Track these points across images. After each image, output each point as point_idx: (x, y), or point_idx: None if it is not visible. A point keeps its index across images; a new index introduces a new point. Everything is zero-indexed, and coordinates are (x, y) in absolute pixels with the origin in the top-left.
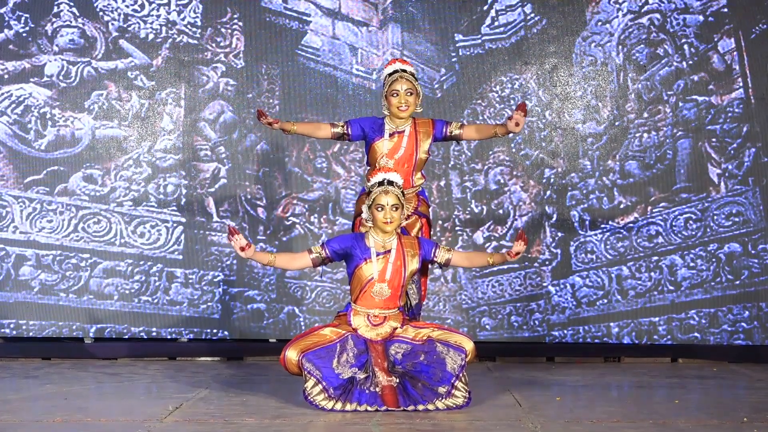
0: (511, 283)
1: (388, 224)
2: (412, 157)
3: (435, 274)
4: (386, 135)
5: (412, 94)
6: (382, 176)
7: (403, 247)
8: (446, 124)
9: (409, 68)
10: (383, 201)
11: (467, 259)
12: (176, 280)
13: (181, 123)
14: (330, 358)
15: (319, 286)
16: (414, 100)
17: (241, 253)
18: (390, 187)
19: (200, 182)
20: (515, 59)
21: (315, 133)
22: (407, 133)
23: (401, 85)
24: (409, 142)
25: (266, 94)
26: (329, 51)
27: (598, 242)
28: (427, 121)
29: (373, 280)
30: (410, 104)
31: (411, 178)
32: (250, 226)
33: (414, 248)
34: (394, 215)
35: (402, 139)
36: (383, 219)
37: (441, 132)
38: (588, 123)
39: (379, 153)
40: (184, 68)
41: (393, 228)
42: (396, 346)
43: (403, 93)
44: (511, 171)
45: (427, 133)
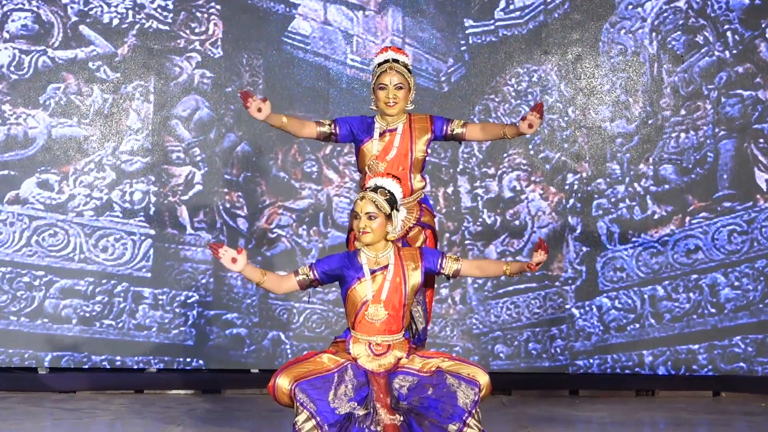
0: (529, 304)
1: (363, 234)
2: (407, 156)
3: (441, 295)
4: (376, 135)
5: (402, 88)
6: (373, 182)
7: (402, 260)
8: (447, 122)
9: (402, 58)
10: (358, 208)
11: (479, 269)
12: (144, 302)
13: (150, 121)
14: (326, 389)
15: (308, 308)
16: (404, 95)
17: (233, 265)
18: (371, 194)
19: (172, 189)
20: (533, 48)
21: (299, 131)
22: (400, 131)
23: (390, 77)
24: (402, 140)
25: (248, 87)
26: (320, 38)
27: (628, 258)
28: (424, 116)
29: (368, 301)
30: (399, 99)
31: (409, 182)
32: (230, 239)
33: (415, 260)
34: (371, 225)
35: (394, 137)
36: (357, 229)
37: (441, 130)
38: (617, 121)
39: (369, 156)
40: (154, 58)
41: (370, 240)
42: (401, 379)
43: (392, 87)
44: (528, 176)
45: (424, 129)
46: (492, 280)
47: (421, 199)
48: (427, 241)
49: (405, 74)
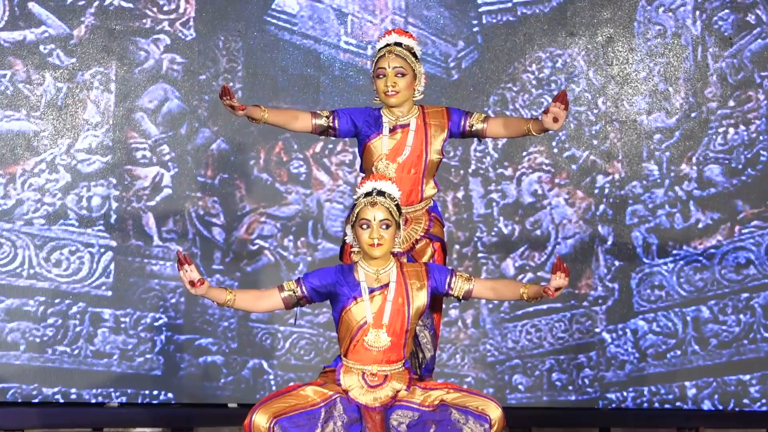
0: (552, 328)
1: (375, 247)
2: (421, 159)
3: (450, 317)
4: (385, 130)
5: (405, 74)
6: (371, 185)
7: (405, 277)
8: (465, 116)
9: (406, 41)
10: (369, 215)
11: (493, 290)
12: (104, 325)
13: (111, 114)
14: (311, 427)
15: (295, 332)
16: (408, 82)
17: (192, 289)
18: (380, 198)
19: (136, 193)
20: (557, 29)
21: (291, 124)
22: (413, 127)
23: (389, 62)
24: (416, 140)
25: (225, 75)
26: (309, 18)
27: (668, 274)
28: (439, 110)
29: (366, 325)
30: (400, 88)
31: (420, 188)
32: (203, 252)
33: (421, 277)
34: (384, 235)
35: (406, 135)
36: (369, 240)
37: (458, 125)
38: (655, 114)
39: (377, 155)
40: (115, 40)
41: (382, 252)
42: (399, 414)
43: (391, 72)
44: (552, 178)
45: (441, 126)
46: (509, 300)
47: (430, 207)
48: (436, 255)
49: (408, 58)
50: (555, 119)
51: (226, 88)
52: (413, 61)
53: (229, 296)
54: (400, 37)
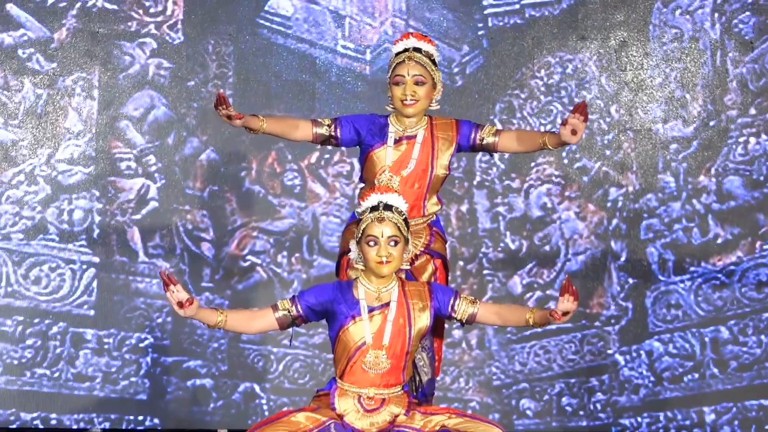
0: (562, 349)
1: (384, 264)
2: (426, 173)
3: (453, 337)
4: (390, 141)
5: (424, 83)
6: (377, 198)
7: (406, 297)
8: (476, 129)
9: (426, 47)
10: (376, 231)
11: (498, 315)
12: (86, 346)
13: (94, 122)
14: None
15: (289, 354)
16: (427, 91)
17: (180, 310)
18: (387, 213)
19: (121, 206)
20: (568, 32)
21: (290, 134)
22: (420, 139)
23: (408, 69)
24: (422, 153)
25: (214, 81)
26: (305, 20)
27: (685, 292)
28: (449, 122)
29: (365, 346)
30: (419, 97)
31: (423, 203)
32: (192, 269)
33: (423, 298)
34: (393, 252)
35: (412, 147)
36: (377, 257)
37: (468, 139)
38: (671, 122)
39: (379, 166)
40: (99, 44)
41: (391, 270)
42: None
43: (410, 80)
44: (562, 191)
45: (449, 139)
46: None
47: (432, 221)
48: (437, 273)
49: (428, 66)
50: (573, 132)
51: (222, 96)
52: (433, 69)
53: (220, 317)
54: (419, 41)
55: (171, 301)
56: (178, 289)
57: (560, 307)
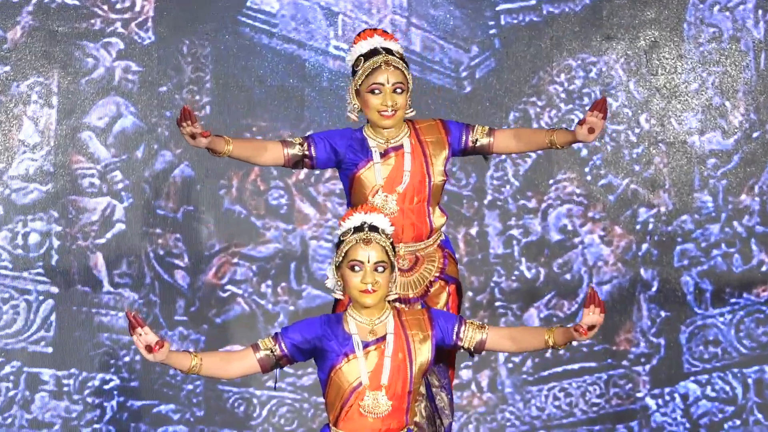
0: (585, 392)
1: (369, 294)
2: (424, 184)
3: (461, 379)
4: (376, 156)
5: (404, 91)
6: (360, 218)
7: (405, 328)
8: (466, 130)
9: (396, 47)
10: (361, 256)
11: (511, 339)
12: (43, 388)
13: (53, 133)
14: None
15: (275, 397)
16: (404, 99)
17: (149, 355)
18: (374, 234)
19: (83, 229)
20: (591, 31)
21: (259, 157)
22: (408, 148)
23: (388, 75)
24: (415, 162)
25: (190, 86)
26: (292, 18)
27: (725, 327)
28: (432, 123)
29: (361, 387)
30: (399, 107)
31: (428, 218)
32: (164, 300)
33: (423, 327)
34: (379, 279)
35: (402, 158)
36: (361, 285)
37: (459, 141)
38: (709, 134)
39: (370, 187)
40: (58, 45)
41: (376, 300)
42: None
43: (390, 89)
44: (584, 211)
45: (440, 142)
46: (532, 358)
47: (442, 241)
48: (450, 300)
49: (405, 70)
50: (590, 130)
51: (187, 110)
52: (408, 72)
53: (194, 361)
54: (386, 41)
55: (138, 345)
56: (146, 332)
57: (585, 320)
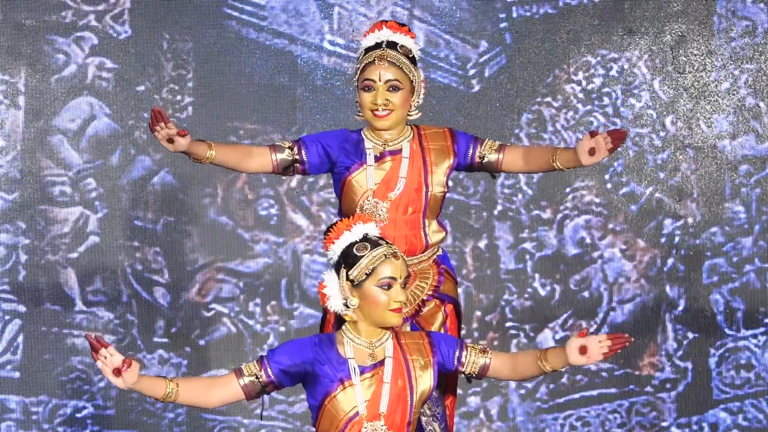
0: (605, 421)
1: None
2: (420, 194)
3: (469, 406)
4: (370, 159)
5: (400, 88)
6: (361, 229)
7: (404, 352)
8: (475, 143)
9: (404, 40)
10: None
11: (513, 370)
12: (8, 416)
13: (20, 137)
14: None
15: (264, 426)
16: (403, 98)
17: (117, 380)
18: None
19: (53, 242)
20: (612, 25)
21: (244, 164)
22: (407, 153)
23: (380, 71)
24: (412, 169)
25: (170, 85)
26: (283, 10)
27: (759, 350)
28: (440, 131)
29: (358, 417)
30: (394, 106)
31: (422, 232)
32: (142, 321)
33: (424, 352)
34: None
35: (399, 163)
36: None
37: (466, 155)
38: (741, 138)
39: (361, 191)
40: (26, 39)
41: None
42: None
43: (382, 86)
44: (604, 223)
45: (444, 150)
46: (547, 383)
47: (438, 257)
48: (448, 321)
49: (404, 66)
50: (591, 152)
51: (158, 111)
52: (411, 69)
53: (169, 387)
54: (394, 34)
55: (104, 370)
56: (111, 352)
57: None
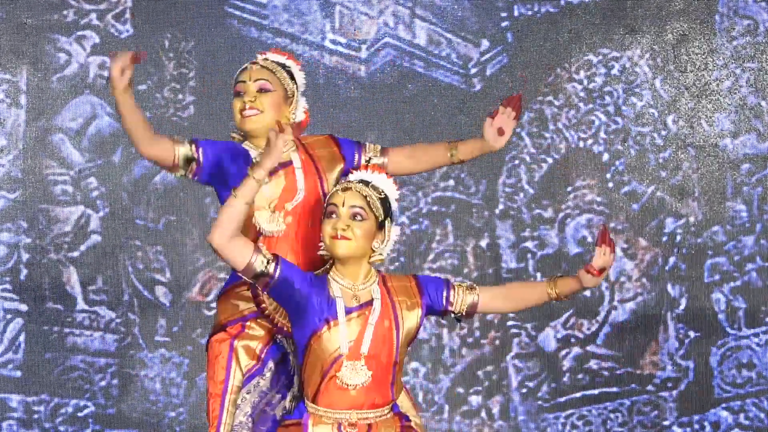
0: (607, 420)
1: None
2: (320, 203)
3: (470, 405)
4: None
5: (270, 90)
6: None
7: (391, 294)
8: (359, 147)
9: (277, 57)
10: (337, 200)
11: (506, 297)
12: (11, 415)
13: (21, 136)
14: None
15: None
16: (273, 102)
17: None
18: (359, 186)
19: (54, 241)
20: (613, 24)
21: (145, 144)
22: (298, 163)
23: (251, 74)
24: (308, 176)
25: (172, 84)
26: (284, 9)
27: (760, 348)
28: (322, 138)
29: (340, 357)
30: (263, 107)
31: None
32: (144, 320)
33: (411, 293)
34: (356, 229)
35: (292, 173)
36: (332, 231)
37: (352, 159)
38: (743, 137)
39: (259, 206)
40: (27, 38)
41: (351, 251)
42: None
43: (252, 86)
44: (606, 222)
45: (332, 156)
46: (548, 383)
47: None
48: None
49: (276, 71)
50: (501, 131)
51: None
52: (285, 77)
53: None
54: (275, 55)
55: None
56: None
57: (597, 261)
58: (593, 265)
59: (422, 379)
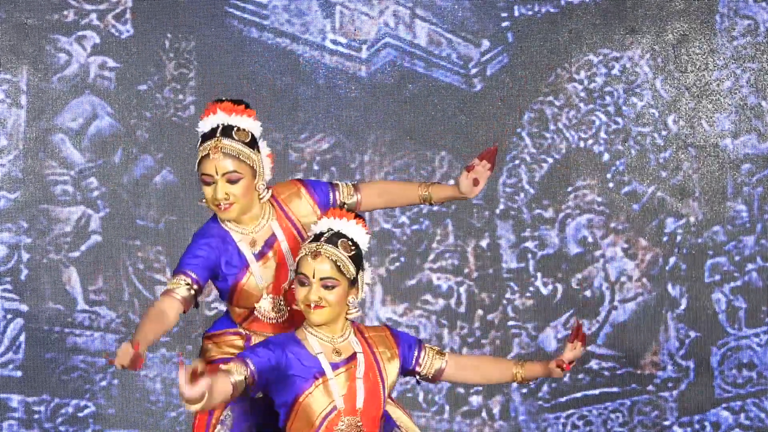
0: (607, 420)
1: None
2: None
3: (471, 405)
4: (250, 256)
5: (241, 178)
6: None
7: (371, 345)
8: (332, 190)
9: (239, 121)
10: (307, 269)
11: (474, 368)
12: (11, 415)
13: (22, 136)
14: None
15: None
16: (245, 187)
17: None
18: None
19: (55, 241)
20: (614, 24)
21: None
22: (281, 235)
23: (216, 165)
24: (295, 249)
25: (172, 84)
26: (285, 9)
27: (761, 348)
28: (292, 187)
29: (335, 412)
30: (236, 198)
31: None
32: None
33: (389, 345)
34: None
35: (278, 250)
36: (305, 300)
37: (327, 202)
38: (743, 137)
39: (256, 294)
40: (27, 38)
41: (325, 319)
42: None
43: (221, 179)
44: (606, 222)
45: (309, 210)
46: (549, 383)
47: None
48: None
49: (240, 154)
50: (476, 181)
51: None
52: (250, 154)
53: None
54: (230, 116)
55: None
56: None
57: (567, 354)
58: (563, 359)
59: None
